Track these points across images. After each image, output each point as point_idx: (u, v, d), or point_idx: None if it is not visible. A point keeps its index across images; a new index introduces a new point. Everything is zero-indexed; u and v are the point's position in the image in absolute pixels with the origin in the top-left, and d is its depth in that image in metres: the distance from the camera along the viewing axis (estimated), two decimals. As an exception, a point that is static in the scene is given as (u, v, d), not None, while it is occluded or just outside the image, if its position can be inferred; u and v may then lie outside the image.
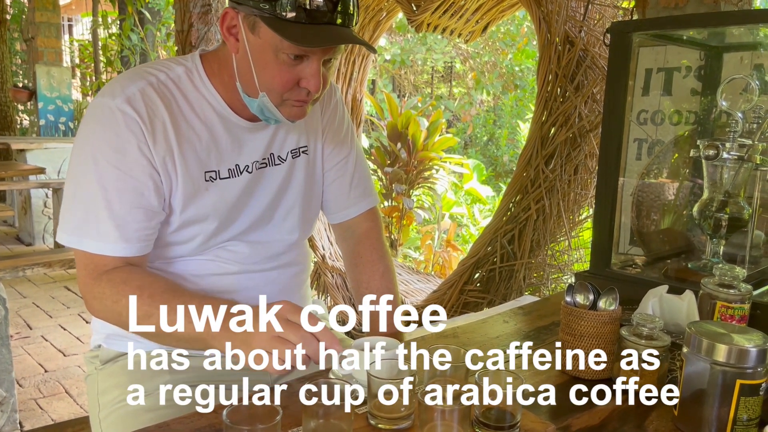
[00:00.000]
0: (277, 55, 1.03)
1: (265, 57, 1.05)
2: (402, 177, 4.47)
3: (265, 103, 1.09)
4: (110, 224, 1.07)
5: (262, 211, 1.22)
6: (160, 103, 1.09)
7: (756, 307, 1.11)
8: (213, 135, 1.14)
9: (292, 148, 1.24)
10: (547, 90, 2.48)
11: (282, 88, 1.06)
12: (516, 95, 7.36)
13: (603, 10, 2.48)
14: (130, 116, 1.05)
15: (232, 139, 1.16)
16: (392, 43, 7.40)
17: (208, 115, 1.14)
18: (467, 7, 3.01)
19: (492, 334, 1.32)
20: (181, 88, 1.13)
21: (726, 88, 1.28)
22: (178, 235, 1.15)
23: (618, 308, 1.11)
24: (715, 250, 1.30)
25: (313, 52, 1.04)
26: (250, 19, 1.03)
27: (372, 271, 1.35)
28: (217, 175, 1.14)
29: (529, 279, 2.70)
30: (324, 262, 3.47)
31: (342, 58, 3.64)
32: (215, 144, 1.14)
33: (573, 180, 2.54)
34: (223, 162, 1.15)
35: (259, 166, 1.20)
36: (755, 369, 0.88)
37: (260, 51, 1.05)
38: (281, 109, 1.10)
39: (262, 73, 1.06)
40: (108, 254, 1.08)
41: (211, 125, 1.14)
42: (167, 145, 1.09)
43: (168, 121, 1.09)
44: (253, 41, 1.05)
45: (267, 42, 1.03)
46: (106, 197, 1.06)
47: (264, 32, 1.03)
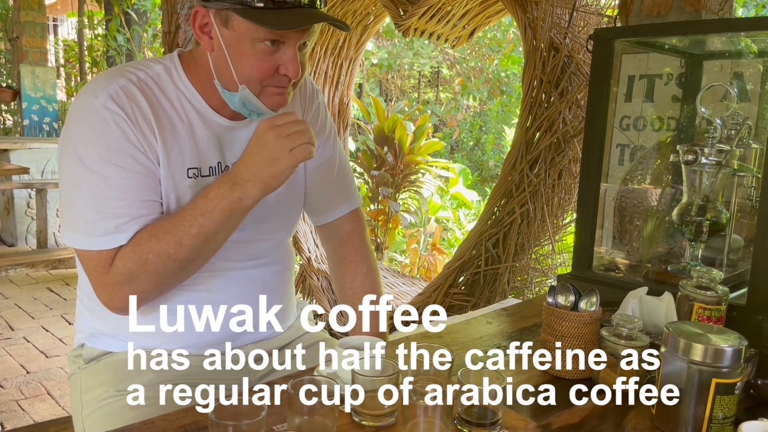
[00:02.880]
0: (253, 45, 1.05)
1: (241, 49, 1.06)
2: (388, 180, 4.48)
3: (246, 96, 1.10)
4: (117, 222, 1.06)
5: None
6: (143, 98, 1.09)
7: (732, 308, 1.13)
8: (193, 133, 1.15)
9: None
10: (532, 96, 2.51)
11: (261, 76, 1.08)
12: (502, 101, 7.40)
13: (587, 17, 2.52)
14: (116, 113, 1.06)
15: (211, 138, 1.17)
16: (379, 48, 7.42)
17: (189, 112, 1.15)
18: (454, 13, 3.03)
19: (475, 335, 1.34)
20: (161, 85, 1.13)
21: (705, 95, 1.31)
22: None
23: (599, 309, 1.13)
24: (694, 253, 1.32)
25: (288, 38, 1.05)
26: (222, 14, 1.05)
27: (355, 271, 1.36)
28: (198, 173, 1.15)
29: (514, 282, 2.73)
30: (309, 265, 3.47)
31: (329, 62, 3.65)
32: (196, 142, 1.15)
33: (557, 184, 2.57)
34: (205, 160, 1.16)
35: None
36: (731, 368, 0.91)
37: (236, 43, 1.06)
38: (262, 99, 1.11)
39: (240, 64, 1.07)
40: (115, 247, 1.07)
41: (191, 123, 1.15)
42: (152, 140, 1.09)
43: (151, 116, 1.09)
44: (227, 35, 1.06)
45: (242, 33, 1.05)
46: (110, 196, 1.06)
47: (238, 24, 1.04)
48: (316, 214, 1.39)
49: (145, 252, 1.05)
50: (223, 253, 1.19)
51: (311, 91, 1.35)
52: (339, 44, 3.62)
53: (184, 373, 1.19)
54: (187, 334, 1.20)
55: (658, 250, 1.55)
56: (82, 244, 1.08)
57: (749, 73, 1.52)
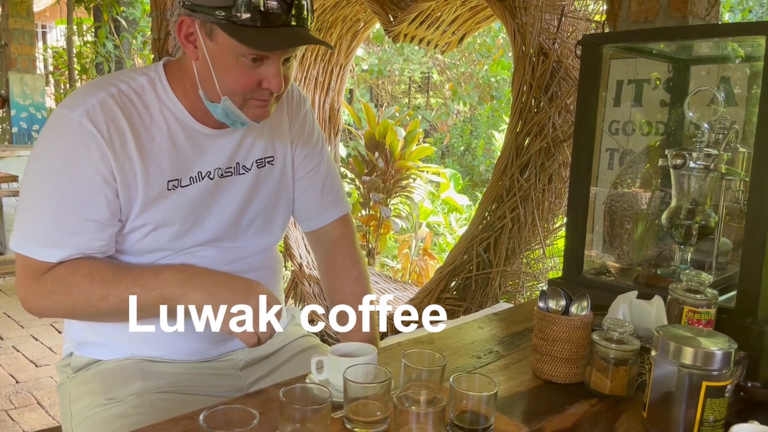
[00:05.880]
0: (237, 59, 1.05)
1: (224, 62, 1.06)
2: (379, 186, 4.49)
3: (228, 107, 1.10)
4: (59, 234, 1.07)
5: (228, 219, 1.23)
6: (121, 114, 1.09)
7: (722, 311, 1.14)
8: (175, 144, 1.14)
9: (257, 158, 1.25)
10: (522, 101, 2.52)
11: (243, 90, 1.08)
12: (492, 106, 7.43)
13: (576, 22, 2.53)
14: (88, 130, 1.06)
15: (193, 147, 1.17)
16: (370, 53, 7.44)
17: (170, 124, 1.15)
18: (444, 19, 3.04)
19: (467, 340, 1.34)
20: (143, 98, 1.13)
21: (693, 99, 1.32)
22: (141, 243, 1.15)
23: (589, 313, 1.14)
24: (684, 256, 1.33)
25: (272, 54, 1.05)
26: (207, 26, 1.05)
27: (345, 276, 1.37)
28: (178, 184, 1.15)
29: (505, 287, 2.73)
30: (301, 271, 3.46)
31: (319, 68, 3.65)
32: (177, 153, 1.15)
33: (547, 189, 2.58)
34: (185, 170, 1.16)
35: (224, 174, 1.21)
36: (721, 371, 0.91)
37: (219, 56, 1.06)
38: (245, 111, 1.11)
39: (223, 77, 1.07)
40: (54, 261, 1.08)
41: (172, 134, 1.15)
42: (128, 157, 1.09)
43: (129, 132, 1.09)
44: (211, 47, 1.06)
45: (225, 47, 1.05)
46: (56, 208, 1.07)
47: (222, 38, 1.04)
48: (305, 220, 1.39)
49: (74, 284, 1.07)
50: (207, 259, 1.19)
51: (298, 99, 1.35)
52: (329, 50, 3.62)
53: (174, 380, 1.18)
54: (177, 342, 1.20)
55: (648, 254, 1.56)
56: (23, 249, 1.08)
57: (736, 77, 1.54)
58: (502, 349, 1.29)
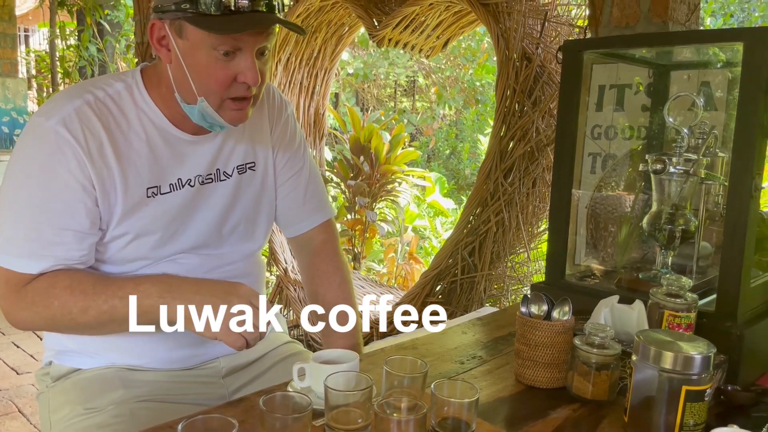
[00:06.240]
0: (209, 53, 1.04)
1: (197, 58, 1.05)
2: (365, 190, 4.48)
3: (204, 108, 1.09)
4: (37, 245, 1.06)
5: (209, 226, 1.22)
6: (97, 121, 1.08)
7: (702, 315, 1.15)
8: (153, 150, 1.13)
9: (238, 164, 1.24)
10: (506, 105, 2.52)
11: (219, 87, 1.07)
12: (477, 110, 7.46)
13: (559, 27, 2.55)
14: (64, 138, 1.05)
15: (173, 153, 1.15)
16: (355, 57, 7.44)
17: (148, 130, 1.13)
18: (428, 23, 3.05)
19: (450, 345, 1.34)
20: (120, 104, 1.12)
21: (673, 104, 1.33)
22: (122, 251, 1.14)
23: (571, 318, 1.14)
24: (665, 261, 1.34)
25: (244, 44, 1.04)
26: (176, 24, 1.04)
27: (328, 282, 1.36)
28: (158, 191, 1.14)
29: (490, 290, 2.73)
30: (286, 276, 3.45)
31: (304, 72, 3.65)
32: (156, 159, 1.14)
33: (531, 193, 2.59)
34: (165, 177, 1.15)
35: (204, 180, 1.20)
36: (700, 375, 0.92)
37: (191, 53, 1.05)
38: (221, 113, 1.10)
39: (197, 75, 1.07)
40: (34, 273, 1.07)
41: (151, 140, 1.13)
42: (105, 164, 1.08)
43: (106, 139, 1.08)
44: (183, 46, 1.06)
45: (197, 42, 1.04)
46: (34, 218, 1.06)
47: (192, 33, 1.04)
48: (288, 226, 1.39)
49: (54, 297, 1.05)
50: (189, 266, 1.18)
51: (279, 104, 1.35)
52: (314, 54, 3.62)
53: (155, 389, 1.17)
54: (159, 350, 1.19)
55: (630, 258, 1.56)
56: (2, 261, 1.07)
57: (717, 82, 1.55)
58: (485, 354, 1.29)
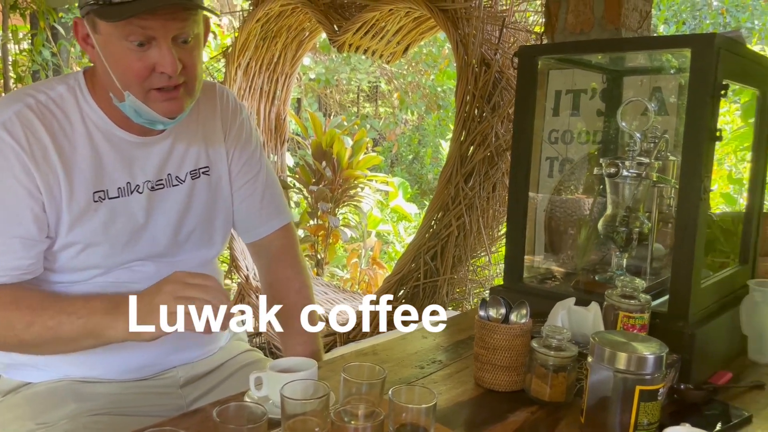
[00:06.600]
0: (122, 45, 1.02)
1: (112, 51, 1.03)
2: (327, 195, 4.46)
3: (133, 103, 1.06)
4: None
5: (164, 233, 1.19)
6: (40, 125, 1.05)
7: (656, 316, 1.17)
8: (98, 153, 1.11)
9: (191, 169, 1.22)
10: (466, 110, 2.55)
11: (138, 78, 1.04)
12: (439, 115, 7.51)
13: (517, 33, 2.58)
14: (6, 142, 1.02)
15: (119, 156, 1.13)
16: (317, 63, 7.41)
17: (92, 132, 1.11)
18: (388, 29, 3.06)
19: (410, 350, 1.34)
20: (62, 107, 1.09)
21: (626, 109, 1.36)
22: (73, 260, 1.11)
23: (529, 321, 1.15)
24: (619, 262, 1.36)
25: (156, 32, 1.01)
26: (90, 19, 1.02)
27: (287, 288, 1.34)
28: (105, 195, 1.11)
29: (452, 294, 2.75)
30: (248, 283, 3.41)
31: (265, 78, 3.62)
32: (101, 162, 1.11)
33: (491, 197, 2.61)
34: (112, 180, 1.12)
35: (155, 186, 1.17)
36: (653, 375, 0.93)
37: (107, 47, 1.03)
38: (152, 106, 1.07)
39: (116, 68, 1.04)
40: None
41: (95, 143, 1.11)
42: (51, 168, 1.05)
43: (50, 143, 1.05)
44: (99, 40, 1.04)
45: (108, 34, 1.02)
46: None
47: (102, 26, 1.02)
48: (246, 231, 1.36)
49: None
50: (144, 274, 1.15)
51: (234, 106, 1.32)
52: (274, 59, 3.59)
53: (110, 401, 1.14)
54: (113, 361, 1.16)
55: (587, 260, 1.59)
56: None
57: (669, 87, 1.59)
58: (445, 359, 1.30)
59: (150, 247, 1.17)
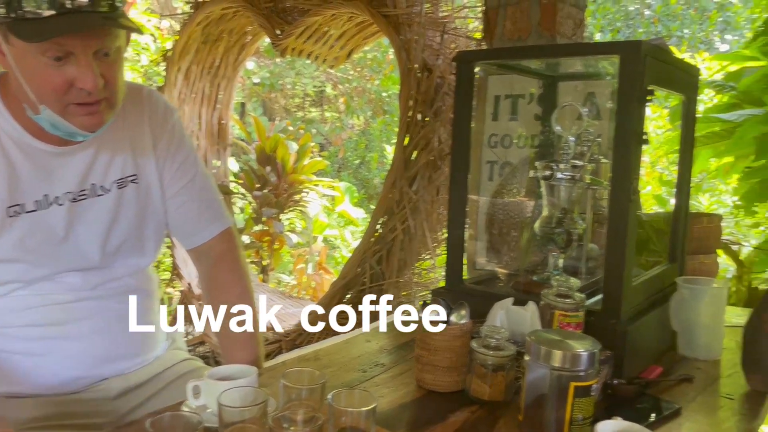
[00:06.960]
0: (37, 59, 0.96)
1: (28, 65, 0.97)
2: (272, 201, 4.42)
3: (50, 117, 1.01)
4: None
5: (90, 245, 1.15)
6: None
7: (591, 314, 1.20)
8: (12, 165, 1.06)
9: (117, 178, 1.17)
10: (409, 115, 2.57)
11: (56, 93, 0.99)
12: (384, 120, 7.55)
13: (457, 39, 2.62)
14: None
15: (35, 168, 1.08)
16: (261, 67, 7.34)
17: (5, 143, 1.06)
18: (331, 34, 3.06)
19: (354, 354, 1.34)
20: None
21: (560, 114, 1.39)
22: None
23: (468, 322, 1.16)
24: (556, 263, 1.40)
25: (74, 47, 0.96)
26: (2, 29, 0.96)
27: (228, 293, 1.31)
28: (21, 209, 1.06)
29: (398, 298, 2.76)
30: (190, 291, 3.34)
31: (206, 82, 3.56)
32: (16, 175, 1.06)
33: (435, 200, 2.65)
34: (28, 194, 1.07)
35: (77, 197, 1.13)
36: (587, 372, 0.96)
37: (21, 60, 0.98)
38: (69, 119, 1.02)
39: (31, 82, 0.99)
40: None
41: (9, 155, 1.06)
42: None
43: None
44: (12, 52, 0.98)
45: (23, 48, 0.96)
46: None
47: (14, 39, 0.95)
48: (185, 237, 1.33)
49: None
50: (69, 285, 1.11)
51: (164, 111, 1.26)
52: (216, 63, 3.55)
53: (37, 417, 1.10)
54: (40, 374, 1.11)
55: (527, 261, 1.62)
56: None
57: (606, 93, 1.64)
58: (388, 361, 1.30)
59: (76, 260, 1.13)
